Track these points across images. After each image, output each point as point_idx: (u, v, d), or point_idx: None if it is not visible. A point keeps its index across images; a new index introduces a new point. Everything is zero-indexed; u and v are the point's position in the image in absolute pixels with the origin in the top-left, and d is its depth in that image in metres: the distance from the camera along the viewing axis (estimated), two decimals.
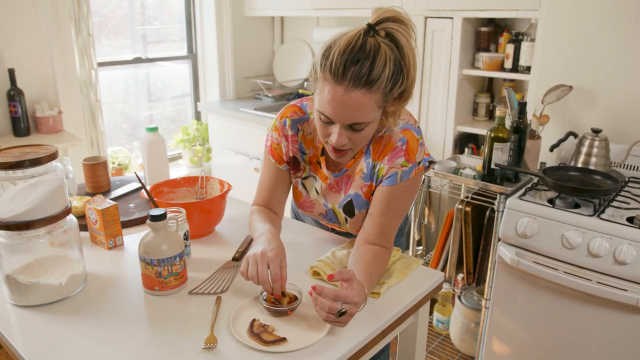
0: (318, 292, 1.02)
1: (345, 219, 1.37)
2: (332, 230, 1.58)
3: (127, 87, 3.58)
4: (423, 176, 1.33)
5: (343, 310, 1.00)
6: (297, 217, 1.70)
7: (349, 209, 1.35)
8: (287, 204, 1.52)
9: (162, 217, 1.17)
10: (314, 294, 1.03)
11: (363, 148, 1.30)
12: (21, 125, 2.68)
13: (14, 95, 2.64)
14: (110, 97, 3.44)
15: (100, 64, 3.12)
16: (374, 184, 1.30)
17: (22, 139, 2.67)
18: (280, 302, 1.12)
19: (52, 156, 1.15)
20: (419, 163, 1.26)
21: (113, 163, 3.29)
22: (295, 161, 1.39)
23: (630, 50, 2.09)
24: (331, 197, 1.37)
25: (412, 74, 1.16)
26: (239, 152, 3.44)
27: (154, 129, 1.81)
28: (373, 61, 1.07)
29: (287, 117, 1.36)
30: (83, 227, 1.46)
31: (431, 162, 1.31)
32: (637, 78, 2.09)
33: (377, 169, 1.28)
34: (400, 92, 1.16)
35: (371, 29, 1.12)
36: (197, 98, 3.87)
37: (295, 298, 1.13)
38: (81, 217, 1.51)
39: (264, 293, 1.14)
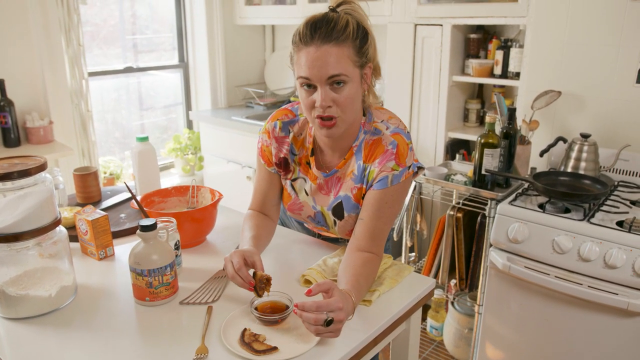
0: (300, 307, 1.02)
1: (334, 221, 1.37)
2: (319, 236, 1.59)
3: (118, 96, 3.57)
4: (412, 182, 1.33)
5: (329, 319, 1.00)
6: (282, 223, 1.70)
7: (338, 211, 1.35)
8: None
9: (152, 227, 1.17)
10: (298, 311, 1.02)
11: (353, 148, 1.31)
12: (11, 135, 2.67)
13: (4, 105, 2.63)
14: (101, 107, 3.44)
15: (91, 74, 3.12)
16: (364, 186, 1.31)
17: (12, 149, 2.65)
18: (261, 288, 1.15)
19: (41, 167, 1.15)
20: (409, 167, 1.28)
21: (105, 173, 3.28)
22: (286, 162, 1.40)
23: (617, 56, 2.11)
24: (320, 199, 1.38)
25: (374, 43, 1.26)
26: (231, 161, 3.44)
27: (144, 139, 1.80)
28: (336, 22, 1.18)
29: (277, 119, 1.40)
30: (73, 238, 1.45)
31: (420, 168, 1.33)
32: (625, 83, 2.12)
33: (367, 171, 1.29)
34: (372, 60, 1.25)
35: (331, 10, 1.22)
36: (188, 107, 3.87)
37: (286, 307, 1.13)
38: (71, 227, 1.50)
39: (255, 302, 1.14)
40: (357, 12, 1.24)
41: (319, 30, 1.17)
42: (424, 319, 2.69)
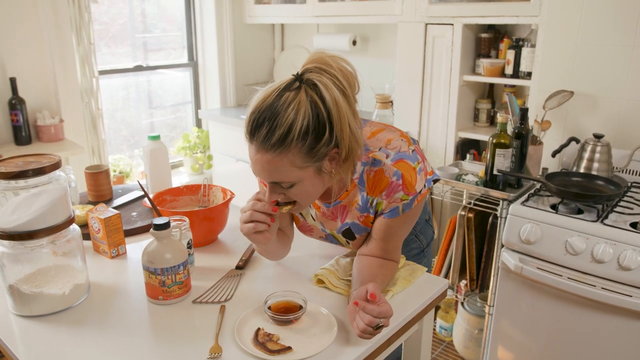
0: (362, 307, 1.01)
1: (347, 241, 1.34)
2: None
3: (127, 94, 3.58)
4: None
5: (380, 324, 1.00)
6: None
7: (348, 234, 1.30)
8: None
9: (165, 226, 1.17)
10: (360, 306, 1.02)
11: (355, 181, 1.21)
12: (22, 133, 2.68)
13: (16, 104, 2.64)
14: (111, 105, 3.45)
15: (101, 72, 3.13)
16: (371, 215, 1.24)
17: (23, 147, 2.66)
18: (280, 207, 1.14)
19: (56, 165, 1.15)
20: (420, 191, 1.19)
21: (114, 171, 3.28)
22: None
23: (631, 56, 2.09)
24: (328, 224, 1.32)
25: (341, 127, 1.05)
26: (240, 160, 3.44)
27: (156, 137, 1.81)
28: (278, 124, 1.01)
29: None
30: (85, 236, 1.45)
31: (435, 181, 1.25)
32: (638, 83, 2.10)
33: (374, 202, 1.21)
34: (333, 150, 1.08)
35: (297, 79, 1.06)
36: (197, 105, 3.87)
37: (300, 307, 1.13)
38: (83, 226, 1.51)
39: (269, 302, 1.14)
40: (324, 84, 1.03)
41: (258, 130, 1.03)
42: (433, 319, 2.68)
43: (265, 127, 1.02)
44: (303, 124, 1.02)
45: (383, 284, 1.21)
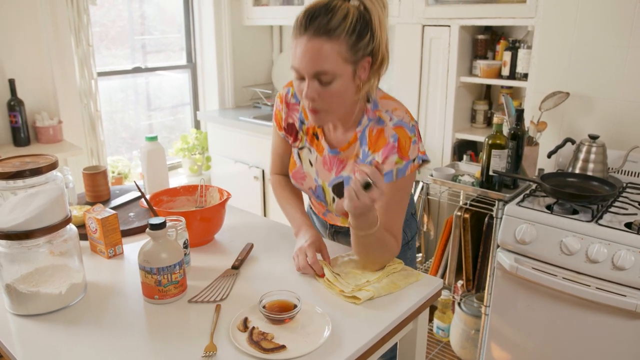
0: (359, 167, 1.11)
1: (333, 198, 1.39)
2: (331, 229, 1.59)
3: (126, 96, 3.59)
4: (416, 175, 1.35)
5: (368, 182, 1.08)
6: None
7: (338, 189, 1.35)
8: None
9: (161, 225, 1.18)
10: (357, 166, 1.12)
11: (357, 133, 1.32)
12: (21, 135, 2.69)
13: (14, 105, 2.65)
14: (109, 107, 3.46)
15: (100, 74, 3.14)
16: None
17: (22, 148, 2.68)
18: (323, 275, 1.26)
19: (53, 166, 1.16)
20: (414, 160, 1.27)
21: (113, 172, 3.30)
22: (293, 129, 1.44)
23: (626, 57, 2.11)
24: (322, 174, 1.40)
25: (381, 36, 1.20)
26: (238, 161, 3.45)
27: (153, 138, 1.82)
28: (334, 13, 1.15)
29: (291, 86, 1.43)
30: (83, 236, 1.46)
31: (424, 161, 1.31)
32: (633, 84, 2.11)
33: (373, 160, 1.29)
34: (370, 54, 1.20)
35: None
36: (196, 107, 3.88)
37: (295, 306, 1.14)
38: (81, 226, 1.51)
39: (263, 301, 1.15)
40: (374, 4, 1.19)
41: (314, 20, 1.16)
42: (430, 319, 2.69)
43: (322, 16, 1.15)
44: (352, 20, 1.16)
45: (381, 237, 1.24)
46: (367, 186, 1.08)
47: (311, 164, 1.40)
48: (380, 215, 1.27)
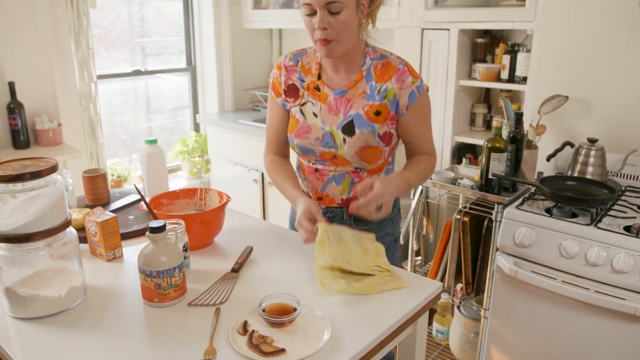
0: (355, 208, 1.32)
1: (344, 139, 1.46)
2: (325, 214, 1.59)
3: (126, 98, 3.60)
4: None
5: (379, 206, 1.31)
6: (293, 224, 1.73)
7: (348, 128, 1.45)
8: (286, 211, 1.58)
9: (161, 229, 1.18)
10: (354, 209, 1.33)
11: (363, 72, 1.46)
12: (21, 137, 2.69)
13: (14, 108, 2.65)
14: (109, 109, 3.46)
15: (100, 77, 3.14)
16: (376, 103, 1.45)
17: (21, 151, 2.68)
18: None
19: (53, 169, 1.16)
20: (422, 81, 1.47)
21: (112, 175, 3.30)
22: (295, 89, 1.53)
23: (624, 61, 2.11)
24: (329, 119, 1.48)
25: None
26: (237, 164, 3.45)
27: (153, 142, 1.82)
28: None
29: (288, 53, 1.57)
30: (82, 239, 1.46)
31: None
32: (632, 88, 2.12)
33: (383, 88, 1.44)
34: None
35: None
36: (196, 110, 3.89)
37: (294, 309, 1.14)
38: (81, 229, 1.52)
39: (263, 304, 1.15)
40: None
41: None
42: (430, 322, 2.69)
43: None
44: None
45: (415, 173, 1.47)
46: (379, 208, 1.32)
47: (315, 115, 1.49)
48: (422, 131, 1.51)
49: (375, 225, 1.59)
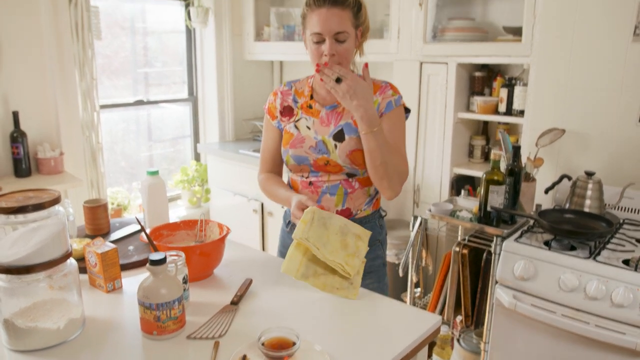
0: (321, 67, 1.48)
1: (335, 145, 1.60)
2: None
3: (127, 126, 3.63)
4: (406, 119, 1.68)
5: (339, 78, 1.45)
6: (283, 248, 1.82)
7: (339, 135, 1.61)
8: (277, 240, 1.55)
9: (162, 261, 1.18)
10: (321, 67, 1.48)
11: None
12: (23, 166, 2.71)
13: (17, 137, 2.68)
14: (110, 137, 3.49)
15: (103, 107, 3.18)
16: None
17: (23, 179, 2.69)
18: None
19: (55, 201, 1.17)
20: (401, 97, 1.63)
21: (112, 204, 3.30)
22: (289, 109, 1.70)
23: (620, 95, 2.15)
24: (321, 130, 1.63)
25: (366, 16, 1.61)
26: (237, 194, 3.47)
27: (154, 173, 1.83)
28: None
29: (283, 82, 1.70)
30: (82, 270, 1.46)
31: (407, 109, 1.67)
32: (627, 122, 2.15)
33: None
34: (363, 24, 1.59)
35: None
36: (197, 139, 3.92)
37: (293, 344, 1.13)
38: (80, 259, 1.52)
39: (262, 338, 1.14)
40: None
41: None
42: (429, 355, 2.66)
43: None
44: None
45: (388, 145, 1.54)
46: (338, 80, 1.44)
47: (309, 128, 1.65)
48: (388, 135, 1.57)
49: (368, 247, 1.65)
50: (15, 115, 2.68)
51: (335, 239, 1.43)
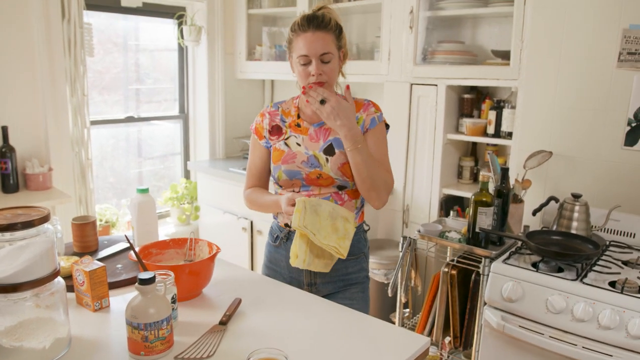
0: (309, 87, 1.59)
1: (327, 159, 1.67)
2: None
3: (117, 142, 3.62)
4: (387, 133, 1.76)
5: (323, 100, 1.55)
6: (269, 263, 1.84)
7: (329, 150, 1.68)
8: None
9: (150, 280, 1.18)
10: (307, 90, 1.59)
11: None
12: (10, 181, 2.69)
13: (6, 152, 2.66)
14: (100, 153, 3.48)
15: (93, 122, 3.17)
16: None
17: (10, 195, 2.66)
18: None
19: (44, 219, 1.16)
20: (382, 114, 1.72)
21: (100, 220, 3.28)
22: (278, 128, 1.77)
23: (605, 119, 2.19)
24: (311, 146, 1.70)
25: (345, 35, 1.70)
26: (227, 211, 3.46)
27: (144, 191, 1.83)
28: (323, 18, 1.62)
29: (270, 103, 1.85)
30: (69, 288, 1.45)
31: (387, 124, 1.75)
32: (612, 145, 2.18)
33: (355, 117, 1.66)
34: (344, 46, 1.70)
35: (317, 10, 1.66)
36: (187, 157, 3.92)
37: None
38: (68, 277, 1.50)
39: (251, 358, 1.14)
40: (334, 13, 1.67)
41: (313, 21, 1.61)
42: None
43: (317, 18, 1.61)
44: (335, 23, 1.65)
45: (371, 158, 1.62)
46: (322, 102, 1.55)
47: (299, 145, 1.72)
48: (374, 150, 1.65)
49: (354, 258, 1.76)
50: (5, 130, 2.67)
51: (326, 224, 1.56)
